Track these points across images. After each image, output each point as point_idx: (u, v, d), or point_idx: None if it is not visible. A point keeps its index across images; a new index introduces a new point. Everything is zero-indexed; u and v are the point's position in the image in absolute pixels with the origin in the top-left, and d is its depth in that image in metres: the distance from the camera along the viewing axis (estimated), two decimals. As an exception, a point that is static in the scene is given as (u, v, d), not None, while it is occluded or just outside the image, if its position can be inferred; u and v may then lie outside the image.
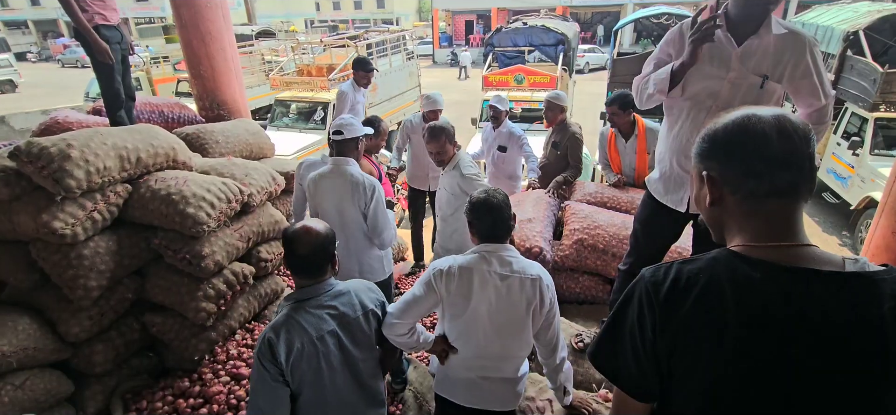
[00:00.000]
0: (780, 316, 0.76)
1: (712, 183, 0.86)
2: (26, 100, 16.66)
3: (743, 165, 0.81)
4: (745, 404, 0.78)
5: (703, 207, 0.91)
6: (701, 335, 0.80)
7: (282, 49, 13.40)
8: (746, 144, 0.80)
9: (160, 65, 12.81)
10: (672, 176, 2.05)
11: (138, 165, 2.73)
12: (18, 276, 2.61)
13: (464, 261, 1.70)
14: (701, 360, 0.80)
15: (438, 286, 1.69)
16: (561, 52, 9.52)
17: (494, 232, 1.71)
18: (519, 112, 8.30)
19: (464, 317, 1.71)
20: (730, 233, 0.87)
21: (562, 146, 3.91)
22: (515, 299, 1.68)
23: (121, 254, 2.66)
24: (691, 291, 0.81)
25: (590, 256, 2.97)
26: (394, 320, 1.71)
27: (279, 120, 9.00)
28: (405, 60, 11.72)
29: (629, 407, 0.92)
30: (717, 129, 0.85)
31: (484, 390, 1.81)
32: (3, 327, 2.42)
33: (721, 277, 0.80)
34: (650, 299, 0.84)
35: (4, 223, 2.55)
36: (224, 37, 4.43)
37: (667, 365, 0.85)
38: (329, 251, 1.62)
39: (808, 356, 0.75)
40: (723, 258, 0.82)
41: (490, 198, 1.70)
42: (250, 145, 4.18)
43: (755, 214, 0.82)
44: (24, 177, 2.51)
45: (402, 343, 1.74)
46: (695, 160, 0.91)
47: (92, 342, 2.66)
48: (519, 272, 1.69)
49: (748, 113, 0.82)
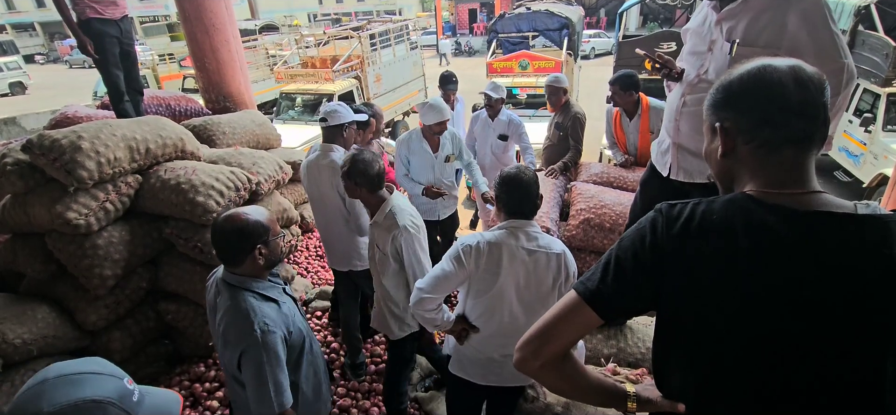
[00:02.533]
0: (795, 258, 0.77)
1: (726, 133, 0.86)
2: (36, 101, 16.86)
3: (759, 114, 0.82)
4: (753, 344, 0.80)
5: (715, 159, 0.91)
6: (710, 275, 0.81)
7: (285, 43, 13.40)
8: (762, 92, 0.81)
9: (166, 62, 12.93)
10: (662, 141, 2.15)
11: (148, 155, 2.77)
12: (36, 267, 2.67)
13: (491, 236, 1.71)
14: (708, 299, 0.82)
15: (468, 262, 1.69)
16: (566, 37, 9.41)
17: (522, 208, 1.72)
18: (524, 98, 8.24)
19: (490, 293, 1.71)
20: (740, 184, 0.88)
21: (564, 127, 3.90)
22: (542, 275, 1.70)
23: (134, 243, 2.71)
24: (704, 229, 0.82)
25: (597, 236, 2.97)
26: (425, 294, 1.70)
27: (285, 113, 9.02)
28: (409, 50, 11.68)
29: (580, 313, 0.92)
30: (731, 79, 0.86)
31: (502, 368, 1.82)
32: (24, 316, 2.49)
33: (735, 218, 0.80)
34: (662, 227, 0.86)
35: (20, 216, 2.61)
36: (228, 29, 4.45)
37: (660, 294, 0.87)
38: (237, 244, 1.57)
39: (823, 297, 0.76)
40: (738, 201, 0.83)
41: (521, 174, 1.71)
42: (257, 136, 4.22)
43: (769, 162, 0.83)
44: (37, 170, 2.56)
45: (428, 319, 1.75)
46: (707, 113, 0.91)
47: (109, 331, 2.72)
48: (545, 248, 1.71)
49: (763, 63, 0.83)
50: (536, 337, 0.95)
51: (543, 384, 1.04)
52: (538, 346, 0.94)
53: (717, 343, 0.83)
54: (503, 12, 10.35)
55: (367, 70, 9.77)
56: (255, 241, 1.58)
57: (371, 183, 2.11)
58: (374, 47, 10.11)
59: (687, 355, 0.89)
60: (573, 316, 0.93)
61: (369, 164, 2.10)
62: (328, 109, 2.73)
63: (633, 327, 2.44)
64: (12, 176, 2.54)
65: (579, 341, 2.06)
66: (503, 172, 1.75)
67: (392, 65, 10.69)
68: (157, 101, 4.26)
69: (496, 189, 1.76)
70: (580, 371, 0.99)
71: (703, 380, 0.88)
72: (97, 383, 0.93)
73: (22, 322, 2.47)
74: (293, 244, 3.50)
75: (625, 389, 1.01)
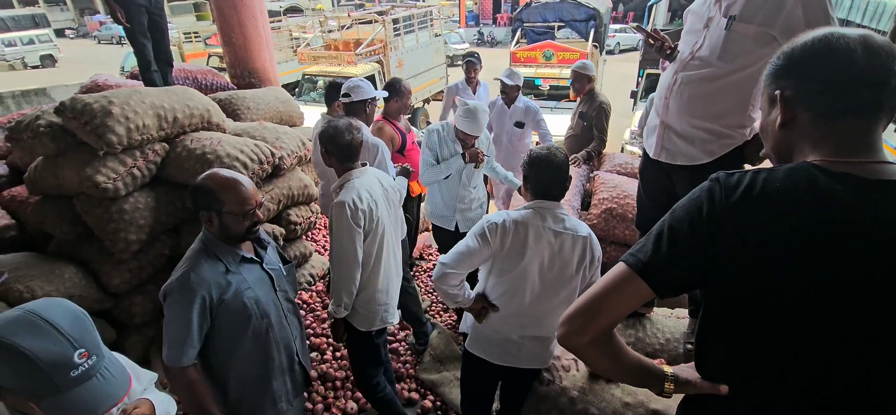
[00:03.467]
0: (866, 229, 0.73)
1: (786, 102, 0.82)
2: (66, 74, 17.26)
3: (824, 81, 0.78)
4: (817, 322, 0.76)
5: (772, 131, 0.87)
6: (772, 247, 0.77)
7: (309, 25, 13.46)
8: (829, 59, 0.77)
9: (192, 41, 13.13)
10: (650, 121, 2.13)
11: (175, 124, 2.81)
12: (64, 228, 2.74)
13: (518, 215, 1.68)
14: (768, 274, 0.78)
15: (493, 239, 1.67)
16: (592, 29, 9.27)
17: (550, 190, 1.69)
18: (546, 89, 8.16)
19: (514, 273, 1.69)
20: (800, 157, 0.83)
21: (588, 116, 3.84)
22: (567, 257, 1.68)
23: (158, 210, 2.76)
24: (767, 198, 0.78)
25: (618, 226, 2.93)
26: (449, 269, 1.68)
27: (307, 95, 9.09)
28: (432, 37, 11.64)
29: (631, 285, 0.87)
30: (794, 47, 0.82)
31: (521, 349, 1.80)
32: (52, 275, 2.56)
33: (800, 187, 0.76)
34: (720, 196, 0.82)
35: (51, 178, 2.67)
36: (255, 5, 4.48)
37: (714, 267, 0.83)
38: (192, 201, 1.58)
39: (893, 271, 0.72)
40: (802, 169, 0.78)
41: (552, 155, 1.67)
42: (280, 112, 4.25)
43: (833, 131, 0.79)
44: (68, 133, 2.61)
45: (450, 295, 1.73)
46: (766, 82, 0.87)
47: (132, 294, 2.78)
48: (571, 230, 1.68)
49: (830, 31, 0.79)
50: (584, 311, 0.90)
51: (586, 362, 1.00)
52: (585, 320, 0.90)
53: (775, 321, 0.79)
54: (529, 1, 10.22)
55: (390, 55, 9.78)
56: (200, 205, 1.54)
57: (340, 152, 2.00)
58: (397, 32, 10.10)
59: (738, 334, 0.85)
60: (623, 289, 0.88)
61: (340, 132, 1.98)
62: (351, 84, 2.76)
63: (653, 319, 2.41)
64: (45, 138, 2.59)
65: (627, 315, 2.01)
66: (533, 151, 1.72)
67: (415, 51, 10.68)
68: (185, 74, 4.31)
69: (525, 168, 1.72)
70: (623, 349, 0.96)
71: (755, 361, 0.84)
72: (43, 338, 0.99)
73: (50, 280, 2.54)
74: (312, 221, 3.52)
75: (663, 369, 0.98)
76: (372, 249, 2.04)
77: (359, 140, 2.04)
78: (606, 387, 1.92)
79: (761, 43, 1.73)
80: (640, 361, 0.99)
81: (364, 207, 1.93)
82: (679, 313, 2.45)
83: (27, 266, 2.59)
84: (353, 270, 1.96)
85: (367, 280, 2.06)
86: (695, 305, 2.26)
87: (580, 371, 2.00)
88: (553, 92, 8.08)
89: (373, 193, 2.01)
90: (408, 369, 2.88)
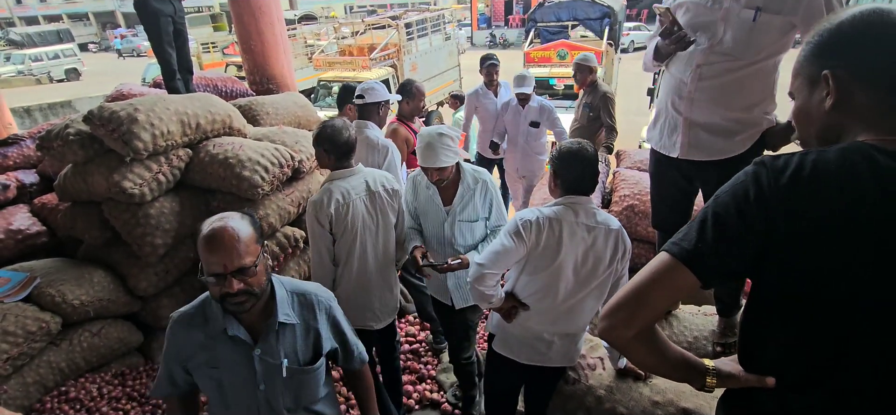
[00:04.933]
0: None
1: (838, 81, 0.78)
2: (89, 86, 17.74)
3: (884, 58, 0.75)
4: (881, 311, 0.73)
5: (817, 114, 0.83)
6: (829, 230, 0.74)
7: (323, 33, 13.64)
8: (887, 35, 0.74)
9: (209, 51, 13.42)
10: (667, 119, 2.03)
11: (198, 130, 2.86)
12: (93, 233, 2.81)
13: (550, 212, 1.65)
14: (826, 259, 0.75)
15: (528, 237, 1.62)
16: (607, 26, 9.17)
17: (581, 185, 1.67)
18: (561, 89, 8.10)
19: (549, 270, 1.66)
20: (850, 137, 0.80)
21: (594, 107, 3.95)
22: (600, 252, 1.65)
23: (183, 214, 2.81)
24: (820, 178, 0.74)
25: (641, 223, 2.89)
26: (487, 270, 1.64)
27: (322, 100, 9.19)
28: (444, 40, 11.67)
29: (676, 275, 0.84)
30: (841, 21, 0.78)
31: (549, 348, 1.78)
32: (82, 279, 2.62)
33: (858, 166, 0.73)
34: (768, 180, 0.78)
35: (80, 184, 2.74)
36: (273, 12, 4.54)
37: (763, 254, 0.80)
38: None
39: None
40: (856, 148, 0.75)
41: (583, 149, 1.65)
42: (299, 117, 4.28)
43: (892, 110, 0.76)
44: (96, 140, 2.68)
45: (485, 296, 1.70)
46: (806, 63, 0.83)
47: (158, 297, 2.84)
48: (603, 224, 1.66)
49: (875, 7, 0.76)
50: (628, 303, 0.87)
51: (630, 357, 0.98)
52: (630, 313, 0.87)
53: (834, 309, 0.76)
54: (543, 1, 10.17)
55: (404, 58, 9.83)
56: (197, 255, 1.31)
57: (339, 150, 2.00)
58: (410, 36, 10.16)
59: (792, 324, 0.81)
60: (667, 280, 0.85)
61: (338, 131, 1.99)
62: (365, 87, 2.79)
63: (680, 316, 2.36)
64: (74, 145, 2.66)
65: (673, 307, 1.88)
66: (563, 146, 1.68)
67: (428, 54, 10.72)
68: (205, 81, 4.39)
69: (554, 163, 1.69)
70: (668, 343, 0.94)
71: (812, 356, 0.80)
72: None
73: (80, 284, 2.60)
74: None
75: (705, 363, 0.95)
76: (342, 251, 2.07)
77: (354, 138, 2.07)
78: (634, 386, 1.89)
79: (784, 31, 1.76)
80: (684, 355, 0.96)
81: (331, 208, 1.96)
82: (707, 310, 2.39)
83: (58, 271, 2.67)
84: (318, 268, 2.10)
85: (339, 278, 2.10)
86: (723, 305, 2.21)
87: (606, 370, 1.96)
88: (568, 91, 8.01)
89: (352, 194, 2.02)
90: (429, 370, 2.87)
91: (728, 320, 2.20)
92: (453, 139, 1.95)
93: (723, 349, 2.13)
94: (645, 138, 6.26)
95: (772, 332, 0.86)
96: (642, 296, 0.87)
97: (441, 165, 1.93)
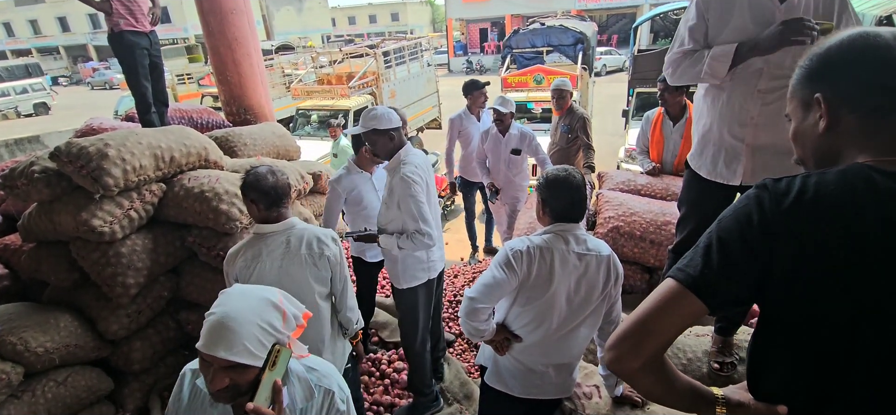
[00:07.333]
0: None
1: (828, 104, 0.80)
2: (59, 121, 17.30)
3: (867, 80, 0.76)
4: (889, 334, 0.72)
5: (813, 136, 0.84)
6: (832, 254, 0.73)
7: (301, 62, 13.66)
8: (870, 57, 0.76)
9: (185, 82, 13.29)
10: (723, 147, 1.94)
11: (172, 164, 2.77)
12: (60, 275, 2.66)
13: (540, 241, 1.61)
14: (830, 283, 0.74)
15: (519, 267, 1.58)
16: (580, 52, 9.44)
17: (571, 212, 1.63)
18: (539, 112, 8.23)
19: (541, 300, 1.62)
20: (846, 160, 0.81)
21: (573, 128, 4.14)
22: (593, 279, 1.62)
23: (157, 252, 2.69)
24: (822, 202, 0.74)
25: (627, 244, 2.89)
26: (479, 304, 1.58)
27: (301, 129, 9.13)
28: (422, 68, 11.81)
29: (683, 303, 0.82)
30: (829, 47, 0.80)
31: (544, 379, 1.73)
32: (46, 325, 2.46)
33: (858, 188, 0.73)
34: (770, 204, 0.78)
35: (46, 224, 2.60)
36: (250, 43, 4.50)
37: (767, 280, 0.78)
38: None
39: None
40: (855, 170, 0.75)
41: (570, 176, 1.61)
42: (277, 147, 4.22)
43: (881, 130, 0.77)
44: (64, 177, 2.56)
45: (478, 330, 1.64)
46: (799, 87, 0.85)
47: (130, 340, 2.68)
48: (594, 251, 1.62)
49: (863, 30, 0.78)
50: (634, 333, 0.85)
51: (638, 388, 0.94)
52: (636, 343, 0.84)
53: (840, 333, 0.75)
54: (517, 28, 10.45)
55: (382, 86, 9.88)
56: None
57: (267, 199, 1.82)
58: (388, 64, 10.25)
59: (799, 351, 0.80)
60: (674, 307, 0.83)
61: (262, 176, 1.81)
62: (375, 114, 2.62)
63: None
64: (39, 183, 2.54)
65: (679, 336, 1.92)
66: (550, 173, 1.66)
67: (406, 81, 10.82)
68: (180, 114, 4.30)
69: (542, 191, 1.66)
70: (675, 373, 0.91)
71: (826, 377, 0.78)
72: None
73: (45, 331, 2.44)
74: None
75: (714, 393, 0.92)
76: None
77: (285, 182, 1.88)
78: (631, 413, 1.84)
79: None
80: (692, 384, 0.93)
81: (235, 269, 1.87)
82: (697, 330, 2.38)
83: (20, 317, 2.50)
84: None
85: None
86: (724, 325, 2.18)
87: (603, 398, 1.92)
88: (546, 115, 8.15)
89: (265, 252, 1.84)
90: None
91: (725, 339, 2.17)
92: None
93: (720, 367, 2.11)
94: (621, 158, 6.24)
95: (783, 357, 0.85)
96: (648, 324, 0.84)
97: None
